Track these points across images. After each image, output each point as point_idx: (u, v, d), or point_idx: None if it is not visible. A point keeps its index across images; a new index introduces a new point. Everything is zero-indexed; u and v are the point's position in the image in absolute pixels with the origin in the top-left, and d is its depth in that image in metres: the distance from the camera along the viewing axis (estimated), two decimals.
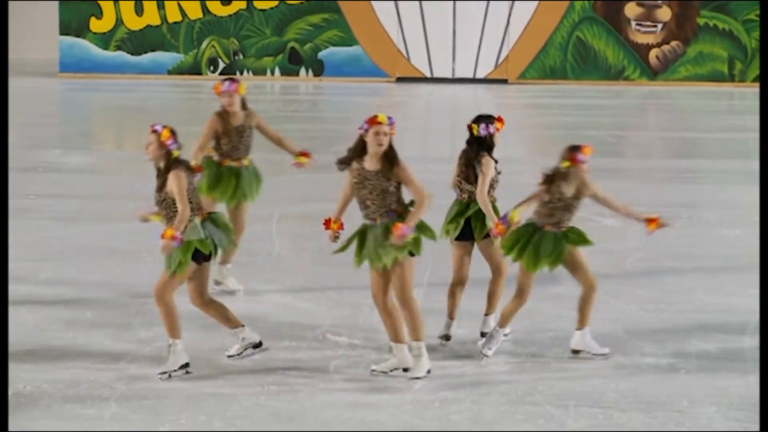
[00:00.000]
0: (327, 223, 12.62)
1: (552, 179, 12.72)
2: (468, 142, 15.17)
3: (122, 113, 27.97)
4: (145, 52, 29.98)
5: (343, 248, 12.64)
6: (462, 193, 14.61)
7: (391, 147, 12.62)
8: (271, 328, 14.23)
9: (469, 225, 13.66)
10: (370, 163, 12.42)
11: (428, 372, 12.48)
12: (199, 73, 29.97)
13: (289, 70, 29.69)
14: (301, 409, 12.00)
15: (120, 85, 29.89)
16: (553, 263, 12.67)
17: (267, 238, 18.45)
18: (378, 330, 13.64)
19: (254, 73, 29.84)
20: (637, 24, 29.66)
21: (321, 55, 29.76)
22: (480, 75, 29.75)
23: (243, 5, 29.76)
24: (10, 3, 30.70)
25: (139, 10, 29.96)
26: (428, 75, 29.97)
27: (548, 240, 12.85)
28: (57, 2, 30.51)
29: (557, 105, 28.55)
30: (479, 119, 15.00)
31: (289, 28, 29.66)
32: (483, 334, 13.06)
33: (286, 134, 25.14)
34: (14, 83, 29.02)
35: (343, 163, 12.40)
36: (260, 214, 17.96)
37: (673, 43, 29.44)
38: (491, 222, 13.18)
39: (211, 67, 29.98)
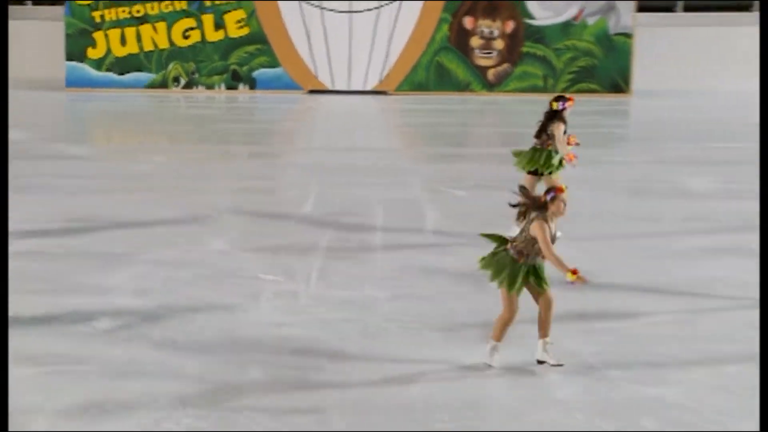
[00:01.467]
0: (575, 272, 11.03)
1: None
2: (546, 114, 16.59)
3: (111, 117, 28.00)
4: (128, 72, 29.88)
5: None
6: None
7: None
8: None
9: None
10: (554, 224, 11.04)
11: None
12: (167, 87, 29.84)
13: (231, 86, 29.74)
14: None
15: (110, 96, 29.76)
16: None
17: None
18: None
19: (206, 88, 29.85)
20: (479, 51, 29.65)
21: (254, 74, 29.85)
22: (368, 87, 29.75)
23: (198, 39, 29.66)
24: (24, 33, 30.65)
25: (123, 42, 29.83)
26: (331, 87, 29.91)
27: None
28: (64, 36, 30.32)
29: (423, 110, 28.57)
30: (558, 98, 16.58)
31: (231, 55, 29.71)
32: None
33: (230, 132, 25.35)
34: (32, 95, 29.01)
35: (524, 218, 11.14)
36: None
37: (505, 65, 29.49)
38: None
39: (176, 83, 29.93)
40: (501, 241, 11.24)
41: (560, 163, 16.90)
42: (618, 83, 29.18)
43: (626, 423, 10.36)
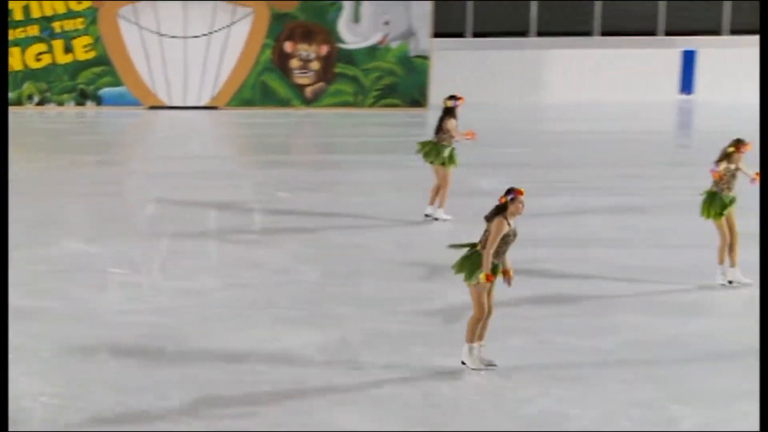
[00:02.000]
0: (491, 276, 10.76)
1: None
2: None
3: None
4: None
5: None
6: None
7: None
8: None
9: None
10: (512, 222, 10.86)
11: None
12: (22, 104, 29.30)
13: (80, 102, 29.28)
14: None
15: None
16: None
17: None
18: None
19: (57, 105, 29.37)
20: (297, 72, 29.63)
21: (100, 92, 29.39)
22: (201, 103, 29.53)
23: (50, 61, 29.23)
24: None
25: None
26: (168, 104, 29.67)
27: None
28: None
29: (250, 123, 28.47)
30: (451, 97, 17.42)
31: (79, 75, 29.29)
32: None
33: (80, 143, 25.02)
34: None
35: (490, 219, 10.85)
36: None
37: (320, 83, 29.53)
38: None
39: (30, 101, 29.43)
40: (471, 245, 10.91)
41: (451, 156, 17.56)
42: (417, 98, 29.45)
43: None
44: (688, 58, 31.65)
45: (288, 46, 29.69)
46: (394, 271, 14.97)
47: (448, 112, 17.51)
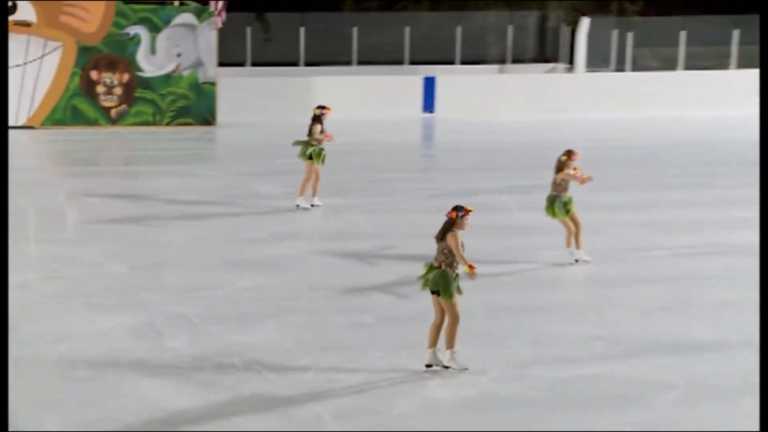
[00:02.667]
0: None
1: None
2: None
3: None
4: None
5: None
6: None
7: None
8: None
9: None
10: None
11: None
12: None
13: None
14: None
15: None
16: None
17: None
18: None
19: None
20: (103, 96, 29.21)
21: None
22: (19, 123, 28.78)
23: None
24: None
25: None
26: None
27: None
28: None
29: (62, 140, 27.88)
30: (319, 107, 18.14)
31: None
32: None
33: None
34: None
35: (443, 236, 10.25)
36: None
37: (123, 106, 29.16)
38: None
39: None
40: (430, 266, 10.36)
41: (320, 155, 18.06)
42: (207, 118, 29.34)
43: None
44: (429, 83, 32.26)
45: (94, 74, 29.22)
46: (192, 263, 14.93)
47: (316, 119, 18.04)
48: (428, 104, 32.16)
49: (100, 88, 29.29)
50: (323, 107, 18.23)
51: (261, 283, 13.74)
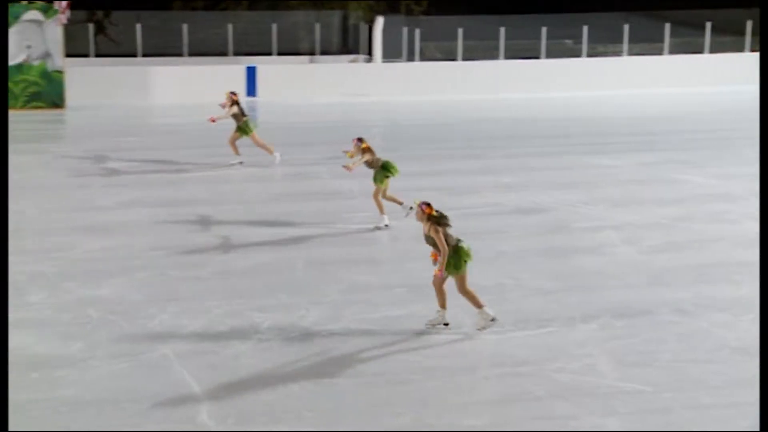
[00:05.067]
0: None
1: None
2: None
3: None
4: None
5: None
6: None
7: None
8: None
9: None
10: None
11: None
12: None
13: None
14: None
15: None
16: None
17: None
18: None
19: None
20: None
21: None
22: None
23: None
24: None
25: None
26: None
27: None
28: None
29: None
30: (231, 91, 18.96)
31: None
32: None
33: None
34: None
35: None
36: None
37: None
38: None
39: None
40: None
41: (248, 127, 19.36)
42: (57, 102, 28.34)
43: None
44: (251, 71, 32.03)
45: None
46: (47, 229, 14.46)
47: (236, 103, 19.28)
48: (251, 89, 31.92)
49: None
50: (234, 93, 19.54)
51: (109, 245, 13.47)
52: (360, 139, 14.54)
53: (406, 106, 29.70)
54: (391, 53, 35.23)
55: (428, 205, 9.79)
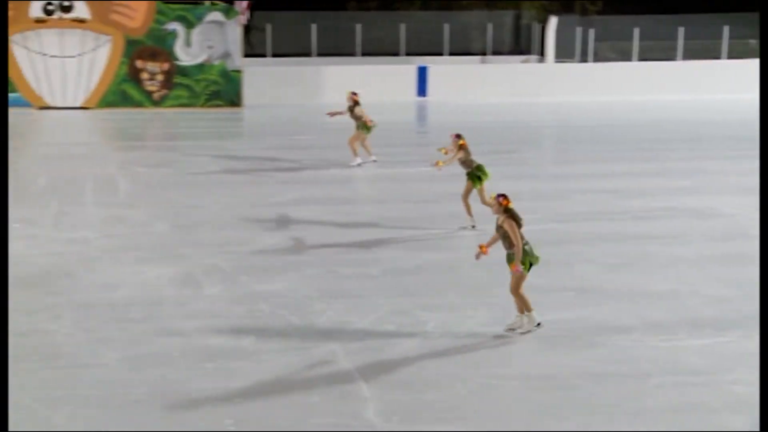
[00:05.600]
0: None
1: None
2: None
3: None
4: None
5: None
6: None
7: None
8: None
9: None
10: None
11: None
12: None
13: None
14: None
15: None
16: None
17: None
18: None
19: None
20: (147, 82, 29.20)
21: None
22: (77, 104, 28.83)
23: None
24: None
25: None
26: (52, 105, 28.86)
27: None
28: None
29: (113, 119, 27.84)
30: (354, 93, 18.68)
31: None
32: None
33: None
34: None
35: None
36: None
37: (164, 90, 29.13)
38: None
39: None
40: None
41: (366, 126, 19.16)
42: (234, 100, 29.25)
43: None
44: (422, 71, 32.12)
45: (139, 63, 29.09)
46: (224, 223, 14.88)
47: (357, 103, 19.06)
48: (421, 89, 32.04)
49: (144, 75, 29.15)
50: (355, 92, 19.46)
51: (281, 241, 13.70)
52: (458, 135, 14.26)
53: (577, 107, 29.22)
54: (564, 53, 34.73)
55: (505, 197, 9.59)
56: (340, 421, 7.85)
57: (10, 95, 28.34)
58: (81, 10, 28.56)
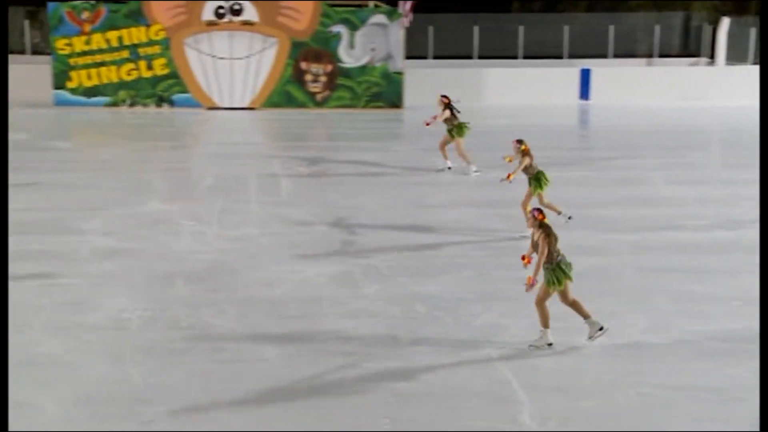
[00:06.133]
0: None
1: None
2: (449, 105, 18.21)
3: (83, 124, 27.40)
4: (93, 96, 29.26)
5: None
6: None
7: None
8: None
9: None
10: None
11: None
12: (117, 106, 29.30)
13: (159, 105, 29.29)
14: None
15: (81, 111, 29.02)
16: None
17: None
18: None
19: (143, 106, 29.40)
20: (310, 83, 29.67)
21: (173, 97, 29.41)
22: (244, 105, 29.55)
23: (137, 75, 29.24)
24: (27, 72, 29.82)
25: (89, 78, 29.22)
26: (221, 105, 29.68)
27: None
28: (51, 74, 29.61)
29: (278, 119, 28.38)
30: (443, 96, 18.47)
31: (158, 85, 29.30)
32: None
33: (158, 133, 24.82)
34: (31, 111, 28.21)
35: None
36: None
37: (327, 91, 29.55)
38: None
39: (123, 103, 29.42)
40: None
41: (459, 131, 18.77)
42: (395, 102, 29.45)
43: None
44: (585, 74, 31.64)
45: (303, 65, 29.65)
46: (382, 224, 14.98)
47: (448, 106, 18.71)
48: (584, 92, 31.55)
49: (308, 77, 29.70)
50: (445, 95, 18.99)
51: (437, 243, 13.70)
52: (520, 141, 13.86)
53: (749, 111, 28.16)
54: (736, 56, 33.53)
55: (540, 211, 9.37)
56: (495, 425, 7.80)
57: (182, 96, 29.37)
58: (250, 13, 29.33)
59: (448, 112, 18.32)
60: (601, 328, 9.47)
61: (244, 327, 10.02)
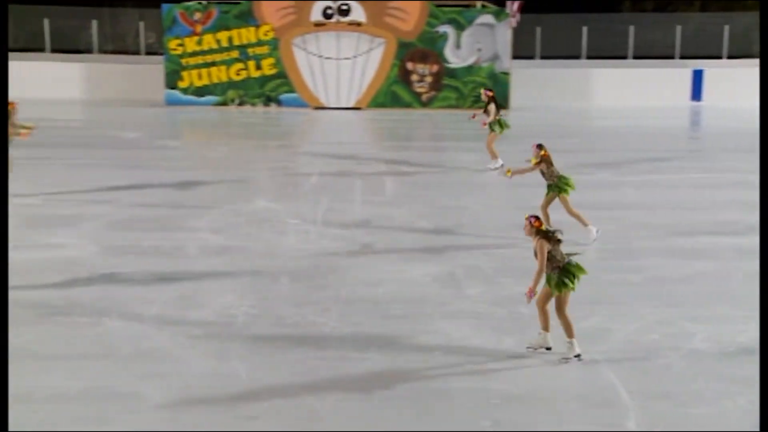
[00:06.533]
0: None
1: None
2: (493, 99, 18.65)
3: (193, 123, 27.91)
4: (203, 96, 29.77)
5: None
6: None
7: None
8: None
9: None
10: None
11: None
12: (227, 105, 29.78)
13: (267, 104, 29.69)
14: None
15: (192, 110, 29.57)
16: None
17: None
18: None
19: (251, 106, 29.81)
20: (416, 83, 29.70)
21: (280, 97, 29.78)
22: (350, 105, 29.73)
23: (246, 75, 29.65)
24: (142, 72, 30.56)
25: (200, 78, 29.76)
26: (327, 105, 29.90)
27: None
28: (164, 74, 30.22)
29: (383, 119, 28.54)
30: (487, 88, 18.96)
31: (266, 85, 29.69)
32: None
33: (266, 132, 25.13)
34: (144, 110, 28.89)
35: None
36: None
37: (433, 92, 29.51)
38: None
39: (232, 102, 29.90)
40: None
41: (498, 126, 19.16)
42: (502, 103, 29.07)
43: None
44: (698, 75, 30.99)
45: (410, 65, 29.69)
46: (485, 225, 14.90)
47: (490, 101, 19.01)
48: (696, 94, 30.89)
49: (414, 77, 29.75)
50: (488, 87, 19.78)
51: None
52: (539, 146, 13.48)
53: None
54: None
55: (537, 218, 9.12)
56: (599, 430, 7.68)
57: (289, 95, 29.72)
58: (357, 14, 29.53)
59: (493, 107, 19.08)
60: (577, 356, 9.04)
61: (347, 326, 10.05)
